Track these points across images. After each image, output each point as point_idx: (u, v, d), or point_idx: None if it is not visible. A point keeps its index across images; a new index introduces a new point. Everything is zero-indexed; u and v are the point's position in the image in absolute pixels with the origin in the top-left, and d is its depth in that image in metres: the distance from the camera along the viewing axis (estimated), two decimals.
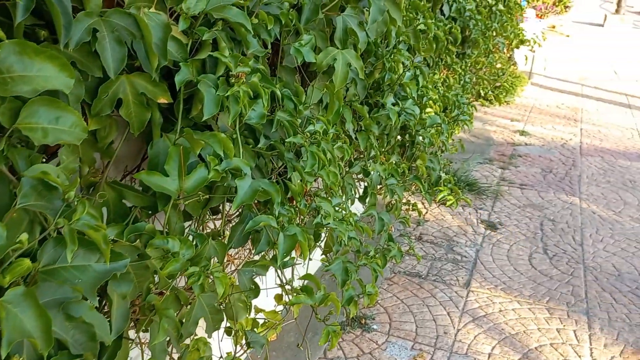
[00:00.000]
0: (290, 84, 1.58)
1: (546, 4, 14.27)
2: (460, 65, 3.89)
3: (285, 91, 1.45)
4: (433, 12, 3.47)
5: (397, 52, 2.04)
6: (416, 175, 2.97)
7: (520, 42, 6.40)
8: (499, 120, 6.44)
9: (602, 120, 6.57)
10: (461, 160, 4.95)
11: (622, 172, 4.84)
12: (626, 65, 10.56)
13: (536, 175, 4.74)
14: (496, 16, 4.55)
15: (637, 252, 3.42)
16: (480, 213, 3.94)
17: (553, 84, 8.64)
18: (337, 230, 1.51)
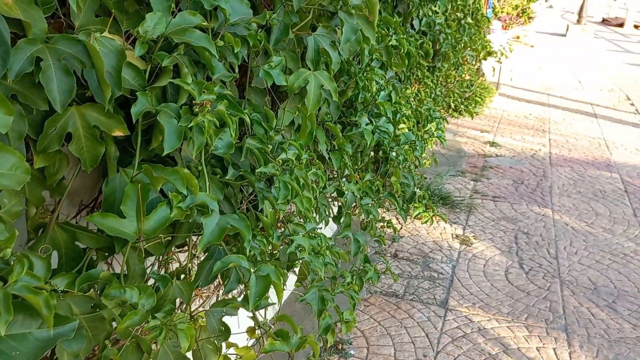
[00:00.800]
0: (260, 106, 1.49)
1: (510, 15, 14.56)
2: (432, 79, 3.86)
3: (254, 116, 1.36)
4: (404, 27, 3.44)
5: (370, 70, 1.98)
6: (390, 192, 2.92)
7: (487, 54, 6.45)
8: (469, 132, 6.47)
9: (569, 131, 6.66)
10: (434, 173, 4.92)
11: (591, 182, 4.89)
12: (589, 75, 10.81)
13: (508, 187, 4.74)
14: (465, 29, 4.56)
15: (611, 264, 3.42)
16: (455, 227, 3.90)
17: (520, 94, 8.76)
18: (313, 264, 1.42)
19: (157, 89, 1.03)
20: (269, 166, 1.24)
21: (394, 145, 2.72)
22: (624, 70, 11.40)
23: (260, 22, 1.24)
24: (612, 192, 4.65)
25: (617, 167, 5.30)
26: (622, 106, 8.08)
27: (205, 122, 1.01)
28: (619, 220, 4.07)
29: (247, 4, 1.25)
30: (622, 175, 5.08)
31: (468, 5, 4.77)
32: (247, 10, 1.25)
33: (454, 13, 4.37)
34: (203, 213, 1.09)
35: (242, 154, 1.24)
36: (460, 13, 4.45)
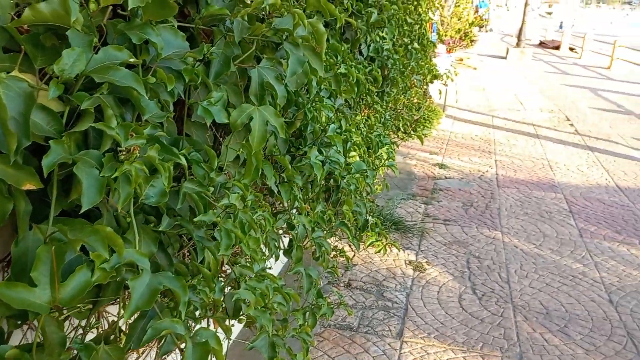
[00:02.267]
0: (200, 143, 1.38)
1: (454, 39, 15.01)
2: (381, 104, 3.84)
3: (194, 155, 1.25)
4: (352, 53, 3.40)
5: (319, 101, 1.90)
6: (342, 221, 2.85)
7: (434, 77, 6.55)
8: (418, 154, 6.52)
9: (514, 152, 6.82)
10: (386, 197, 4.90)
11: (537, 203, 4.98)
12: (530, 96, 11.21)
13: (458, 209, 4.77)
14: (412, 54, 4.59)
15: (561, 286, 3.45)
16: (408, 253, 3.86)
17: (466, 116, 8.96)
18: (260, 320, 1.30)
19: (77, 134, 0.91)
20: (209, 214, 1.12)
21: (346, 174, 2.66)
22: (562, 92, 11.90)
23: (196, 56, 1.14)
24: (557, 212, 4.75)
25: (560, 187, 5.44)
26: (562, 126, 8.39)
27: (132, 171, 0.89)
28: (566, 241, 4.15)
29: (182, 37, 1.14)
30: (566, 195, 5.21)
31: (414, 31, 4.82)
32: (183, 43, 1.15)
33: (401, 38, 4.39)
34: (133, 271, 0.97)
35: (179, 199, 1.12)
36: (407, 38, 4.49)
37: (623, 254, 3.95)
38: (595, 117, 9.16)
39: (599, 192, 5.35)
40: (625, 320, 3.07)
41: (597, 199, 5.12)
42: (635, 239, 4.23)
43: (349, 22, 2.75)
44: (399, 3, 4.01)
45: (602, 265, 3.75)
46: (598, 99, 11.12)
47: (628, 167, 6.24)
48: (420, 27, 4.98)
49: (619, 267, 3.73)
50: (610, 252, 3.96)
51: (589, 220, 4.57)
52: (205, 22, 1.29)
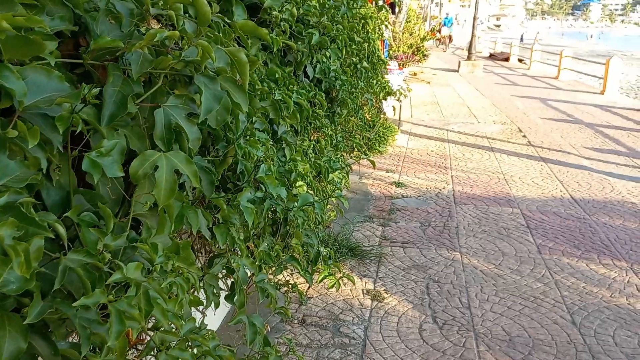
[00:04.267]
0: (103, 196, 1.17)
1: (407, 54, 15.15)
2: (331, 127, 3.69)
3: (85, 216, 1.04)
4: (296, 76, 3.24)
5: (251, 135, 1.71)
6: (292, 255, 2.66)
7: (387, 94, 6.47)
8: (375, 173, 6.40)
9: (469, 166, 6.79)
10: (342, 220, 4.73)
11: (495, 219, 4.91)
12: (483, 108, 11.34)
13: (416, 230, 4.64)
14: (362, 73, 4.47)
15: (523, 309, 3.34)
16: (365, 281, 3.69)
17: (421, 131, 8.95)
18: None
19: None
20: (95, 293, 0.91)
21: (292, 207, 2.47)
22: (513, 103, 12.10)
23: (69, 100, 0.93)
24: (515, 228, 4.68)
25: (517, 202, 5.40)
26: (515, 138, 8.46)
27: None
28: (525, 259, 4.06)
29: (58, 77, 0.94)
30: (523, 209, 5.17)
31: (363, 49, 4.71)
32: (60, 84, 0.94)
33: (350, 58, 4.27)
34: None
35: (57, 277, 0.90)
36: (356, 57, 4.36)
37: (583, 270, 3.89)
38: (547, 128, 9.30)
39: (554, 204, 5.33)
40: (589, 343, 2.97)
41: (554, 212, 5.09)
42: (593, 253, 4.18)
43: (288, 44, 2.58)
44: (345, 22, 3.88)
45: (562, 284, 3.67)
46: (548, 109, 11.34)
47: (581, 178, 6.28)
48: (369, 45, 4.88)
49: (580, 285, 3.66)
50: (570, 269, 3.89)
51: (547, 236, 4.52)
52: (96, 56, 1.08)
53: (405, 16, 16.21)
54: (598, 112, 11.01)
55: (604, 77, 13.84)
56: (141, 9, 1.16)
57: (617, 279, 3.75)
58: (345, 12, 3.68)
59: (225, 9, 2.20)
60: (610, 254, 4.16)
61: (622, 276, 3.79)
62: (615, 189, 5.86)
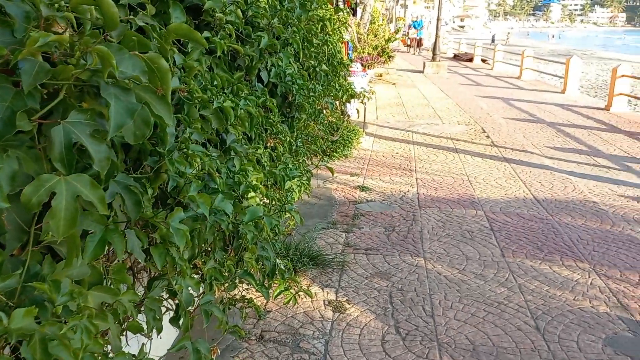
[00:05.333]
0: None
1: (372, 55, 15.13)
2: (286, 134, 3.56)
3: None
4: (248, 81, 3.10)
5: (185, 148, 1.57)
6: (246, 270, 2.53)
7: (350, 97, 6.38)
8: (339, 177, 6.30)
9: (434, 168, 6.76)
10: (305, 227, 4.60)
11: (459, 222, 4.86)
12: (447, 109, 11.38)
13: (380, 235, 4.55)
14: (321, 77, 4.36)
15: (487, 315, 3.27)
16: (327, 292, 3.57)
17: (386, 133, 8.90)
18: None
19: None
20: None
21: (241, 221, 2.33)
22: (477, 103, 12.19)
23: None
24: (479, 231, 4.64)
25: (481, 204, 5.37)
26: (479, 139, 8.49)
27: None
28: (489, 263, 4.01)
29: None
30: (487, 211, 5.13)
31: (322, 52, 4.60)
32: None
33: (308, 61, 4.15)
34: None
35: None
36: (314, 60, 4.25)
37: (546, 272, 3.85)
38: (510, 128, 9.37)
39: (518, 205, 5.32)
40: (553, 349, 2.91)
41: (517, 214, 5.07)
42: (556, 254, 4.16)
43: (235, 48, 2.44)
44: (301, 25, 3.76)
45: (526, 287, 3.62)
46: (511, 109, 11.46)
47: (543, 178, 6.31)
48: (329, 47, 4.77)
49: (543, 288, 3.61)
50: (533, 272, 3.85)
51: (510, 238, 4.48)
52: None
53: (370, 17, 16.21)
54: (559, 111, 11.17)
55: (565, 76, 14.09)
56: (37, 12, 1.01)
57: (580, 281, 3.73)
58: (300, 14, 3.56)
59: (162, 10, 2.05)
60: (573, 255, 4.15)
61: (584, 278, 3.77)
62: (576, 188, 5.89)
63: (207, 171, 2.09)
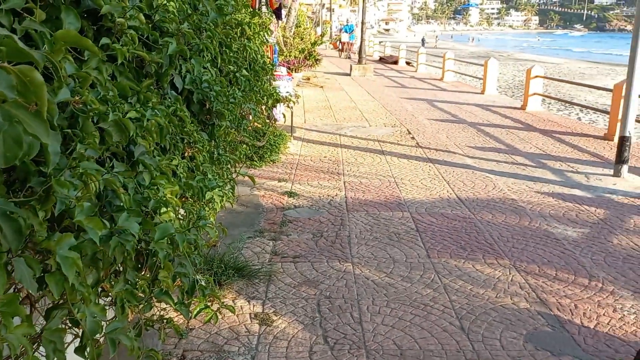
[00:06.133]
0: None
1: (299, 59, 15.12)
2: (206, 141, 3.42)
3: None
4: (160, 88, 2.95)
5: (75, 167, 1.43)
6: (162, 289, 2.39)
7: (275, 101, 6.30)
8: (266, 183, 6.20)
9: (361, 170, 6.80)
10: (231, 237, 4.47)
11: (386, 225, 4.89)
12: (374, 111, 11.54)
13: (308, 242, 4.49)
14: (242, 82, 4.24)
15: (413, 319, 3.28)
16: (254, 304, 3.46)
17: (314, 137, 8.88)
18: None
19: None
20: None
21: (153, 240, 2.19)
22: (402, 105, 12.45)
23: None
24: (405, 233, 4.68)
25: (407, 205, 5.43)
26: (405, 140, 8.64)
27: None
28: (415, 264, 4.04)
29: None
30: (413, 213, 5.20)
31: (242, 57, 4.49)
32: None
33: (226, 66, 4.02)
34: None
35: None
36: (234, 66, 4.13)
37: (469, 271, 3.93)
38: (434, 128, 9.62)
39: (442, 205, 5.43)
40: (478, 349, 2.96)
41: (441, 214, 5.18)
42: (478, 253, 4.27)
43: (139, 55, 2.30)
44: (217, 29, 3.63)
45: (450, 287, 3.68)
46: (435, 110, 11.79)
47: (466, 177, 6.50)
48: (249, 52, 4.66)
49: (467, 287, 3.68)
50: (458, 271, 3.92)
51: (435, 238, 4.56)
52: None
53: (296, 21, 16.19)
54: (479, 111, 11.61)
55: (484, 77, 14.68)
56: None
57: (501, 278, 3.83)
58: (215, 18, 3.43)
59: (55, 16, 1.88)
60: (494, 253, 4.27)
61: (505, 275, 3.88)
62: (496, 186, 6.11)
63: (111, 188, 1.94)
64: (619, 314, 3.33)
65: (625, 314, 3.33)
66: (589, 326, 3.20)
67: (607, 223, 4.95)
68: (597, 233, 4.69)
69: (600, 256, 4.20)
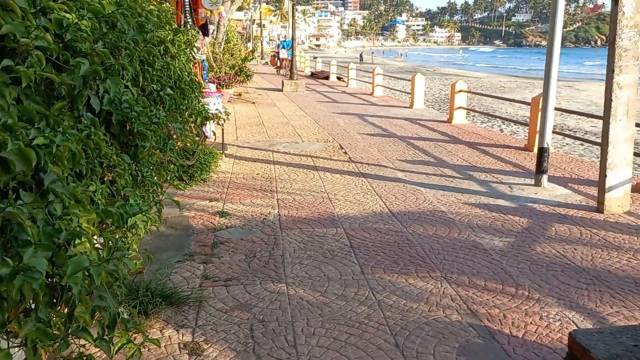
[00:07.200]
0: None
1: (229, 75, 14.96)
2: (128, 164, 3.26)
3: None
4: (75, 110, 2.78)
5: None
6: (79, 325, 2.22)
7: (205, 119, 6.15)
8: (197, 203, 6.02)
9: (295, 187, 6.75)
10: (158, 262, 4.28)
11: (320, 242, 4.86)
12: (306, 127, 11.57)
13: (241, 264, 4.37)
14: (167, 101, 4.10)
15: (349, 338, 3.24)
16: (183, 333, 3.31)
17: (246, 154, 8.77)
18: None
19: None
20: None
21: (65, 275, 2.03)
22: (334, 120, 12.57)
23: None
24: (339, 250, 4.67)
25: (340, 221, 5.43)
26: (337, 155, 8.70)
27: None
28: (349, 282, 4.02)
29: None
30: (346, 229, 5.20)
31: (167, 75, 4.34)
32: None
33: (149, 85, 3.87)
34: None
35: None
36: (157, 84, 3.98)
37: (403, 286, 3.96)
38: (366, 143, 9.76)
39: (375, 220, 5.47)
40: None
41: (374, 229, 5.21)
42: (411, 266, 4.31)
43: (47, 77, 2.15)
44: (138, 47, 3.50)
45: (385, 304, 3.68)
46: (366, 125, 11.98)
47: (397, 190, 6.60)
48: (174, 70, 4.52)
49: (401, 302, 3.70)
50: (391, 287, 3.94)
51: (369, 254, 4.57)
52: None
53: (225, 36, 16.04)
54: (409, 125, 11.91)
55: (411, 91, 15.11)
56: None
57: (433, 291, 3.87)
58: (134, 36, 3.30)
59: None
60: (426, 266, 4.32)
61: (437, 288, 3.93)
62: (427, 199, 6.24)
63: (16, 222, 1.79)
64: (545, 322, 3.44)
65: (551, 321, 3.45)
66: (517, 335, 3.28)
67: (530, 232, 5.15)
68: (521, 242, 4.87)
69: (526, 265, 4.36)
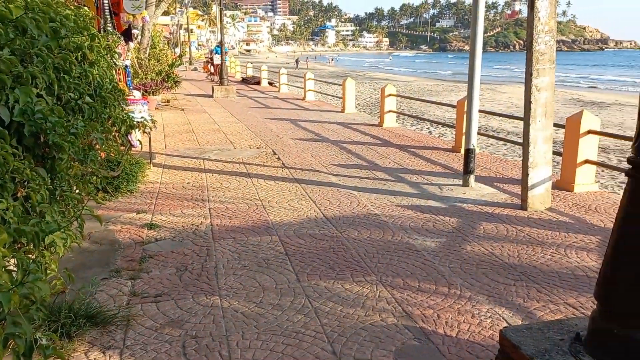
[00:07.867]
0: None
1: (156, 81, 14.51)
2: (43, 178, 3.04)
3: None
4: None
5: None
6: None
7: (129, 127, 5.89)
8: (123, 216, 5.75)
9: (227, 195, 6.60)
10: (82, 280, 4.03)
11: (255, 251, 4.75)
12: (238, 133, 11.40)
13: (171, 278, 4.20)
14: (86, 110, 3.87)
15: (285, 349, 3.17)
16: (110, 355, 3.12)
17: (176, 163, 8.51)
18: None
19: None
20: None
21: None
22: (266, 126, 12.46)
23: None
24: (274, 258, 4.59)
25: (275, 229, 5.35)
26: (270, 161, 8.61)
27: None
28: (285, 290, 3.95)
29: None
30: (281, 236, 5.13)
31: (86, 82, 4.11)
32: None
33: (66, 94, 3.64)
34: None
35: None
36: (74, 93, 3.75)
37: (339, 291, 3.93)
38: (299, 148, 9.72)
39: (310, 226, 5.43)
40: None
41: (310, 235, 5.17)
42: (347, 271, 4.30)
43: None
44: (52, 54, 3.28)
45: (321, 311, 3.64)
46: (299, 130, 11.95)
47: (331, 195, 6.60)
48: (93, 78, 4.28)
49: (337, 309, 3.67)
50: (328, 293, 3.90)
51: (305, 261, 4.52)
52: None
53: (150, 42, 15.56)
54: (341, 129, 12.00)
55: (343, 96, 15.25)
56: None
57: (369, 295, 3.88)
58: (47, 42, 3.09)
59: None
60: (361, 270, 4.33)
61: (373, 291, 3.93)
62: (360, 202, 6.27)
63: None
64: (477, 319, 3.52)
65: (482, 318, 3.53)
66: (451, 335, 3.33)
67: (460, 231, 5.28)
68: (452, 241, 4.99)
69: (457, 264, 4.45)
